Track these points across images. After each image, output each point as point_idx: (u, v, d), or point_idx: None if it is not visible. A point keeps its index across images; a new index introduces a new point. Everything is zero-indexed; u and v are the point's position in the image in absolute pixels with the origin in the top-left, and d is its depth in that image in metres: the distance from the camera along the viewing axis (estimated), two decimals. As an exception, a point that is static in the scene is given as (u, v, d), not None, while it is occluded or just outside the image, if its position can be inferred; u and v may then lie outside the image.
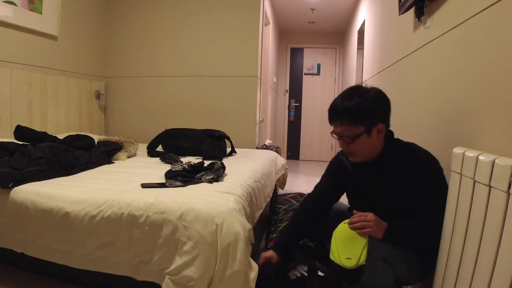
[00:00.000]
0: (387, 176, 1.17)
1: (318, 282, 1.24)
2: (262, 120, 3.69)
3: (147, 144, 2.45)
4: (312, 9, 4.42)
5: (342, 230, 1.14)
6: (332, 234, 1.19)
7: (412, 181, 1.11)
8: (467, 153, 0.96)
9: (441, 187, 1.10)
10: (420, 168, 1.10)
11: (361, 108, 1.09)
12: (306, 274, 1.27)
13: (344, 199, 1.53)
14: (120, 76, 3.38)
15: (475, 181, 0.89)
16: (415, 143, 1.21)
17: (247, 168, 1.86)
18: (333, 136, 1.20)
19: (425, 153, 1.15)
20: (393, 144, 1.18)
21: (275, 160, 2.51)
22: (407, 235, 1.10)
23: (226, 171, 1.68)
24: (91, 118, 3.16)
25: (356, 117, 1.09)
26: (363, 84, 1.17)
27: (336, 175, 1.37)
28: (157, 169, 1.80)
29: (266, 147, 3.37)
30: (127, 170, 1.81)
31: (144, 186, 1.44)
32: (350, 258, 1.08)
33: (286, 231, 1.41)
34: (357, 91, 1.13)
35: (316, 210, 1.39)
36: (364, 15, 3.46)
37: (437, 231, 1.08)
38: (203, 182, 1.50)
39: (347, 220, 1.16)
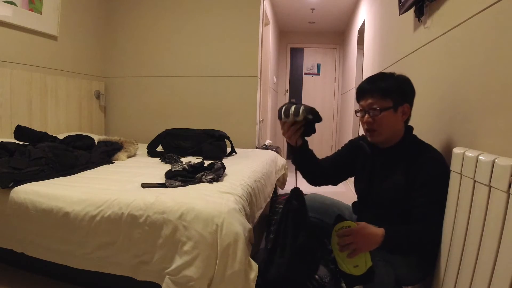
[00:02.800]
0: (398, 167, 1.19)
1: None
2: (262, 120, 3.69)
3: (147, 144, 2.45)
4: (312, 9, 4.42)
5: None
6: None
7: (415, 178, 1.12)
8: (467, 153, 0.96)
9: (437, 193, 1.09)
10: (424, 168, 1.11)
11: (392, 85, 1.16)
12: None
13: (342, 198, 1.54)
14: (120, 76, 3.38)
15: (475, 181, 0.89)
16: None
17: (247, 168, 1.86)
18: (356, 115, 1.24)
19: (435, 155, 1.15)
20: (411, 136, 1.22)
21: (275, 160, 2.51)
22: (405, 243, 1.07)
23: (226, 171, 1.67)
24: (91, 118, 3.15)
25: (386, 91, 1.15)
26: None
27: (351, 155, 1.38)
28: (157, 169, 1.79)
29: (266, 147, 3.37)
30: (127, 170, 1.81)
31: (144, 186, 1.44)
32: (357, 266, 1.05)
33: None
34: (388, 73, 1.20)
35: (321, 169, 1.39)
36: (364, 15, 3.46)
37: (433, 235, 1.08)
38: (203, 182, 1.50)
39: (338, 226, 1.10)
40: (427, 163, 1.12)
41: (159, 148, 2.46)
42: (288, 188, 2.99)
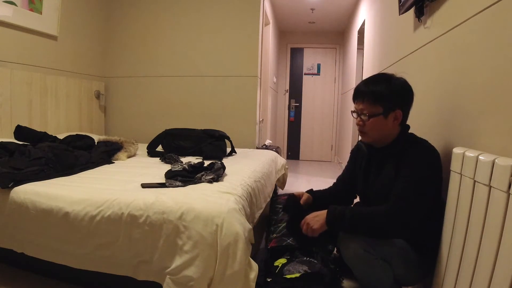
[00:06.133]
0: (389, 162, 1.20)
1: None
2: (262, 120, 3.69)
3: (147, 144, 2.45)
4: (312, 9, 4.42)
5: None
6: (332, 235, 1.21)
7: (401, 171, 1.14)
8: (467, 153, 0.96)
9: (415, 180, 1.09)
10: (408, 160, 1.13)
11: (384, 91, 1.15)
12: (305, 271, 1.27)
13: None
14: (120, 76, 3.38)
15: (475, 181, 0.89)
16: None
17: (247, 168, 1.86)
18: (352, 115, 1.26)
19: (424, 145, 1.16)
20: (405, 136, 1.22)
21: (275, 160, 2.50)
22: (351, 220, 1.12)
23: (226, 171, 1.67)
24: (91, 118, 3.15)
25: (377, 97, 1.15)
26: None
27: (354, 160, 1.43)
28: (157, 169, 1.79)
29: (266, 147, 3.37)
30: (127, 170, 1.81)
31: (144, 186, 1.44)
32: None
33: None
34: (385, 76, 1.19)
35: (338, 193, 1.49)
36: (364, 15, 3.46)
37: (390, 218, 1.08)
38: (203, 182, 1.50)
39: None
40: (413, 151, 1.14)
41: (159, 148, 2.46)
42: (288, 188, 2.99)
